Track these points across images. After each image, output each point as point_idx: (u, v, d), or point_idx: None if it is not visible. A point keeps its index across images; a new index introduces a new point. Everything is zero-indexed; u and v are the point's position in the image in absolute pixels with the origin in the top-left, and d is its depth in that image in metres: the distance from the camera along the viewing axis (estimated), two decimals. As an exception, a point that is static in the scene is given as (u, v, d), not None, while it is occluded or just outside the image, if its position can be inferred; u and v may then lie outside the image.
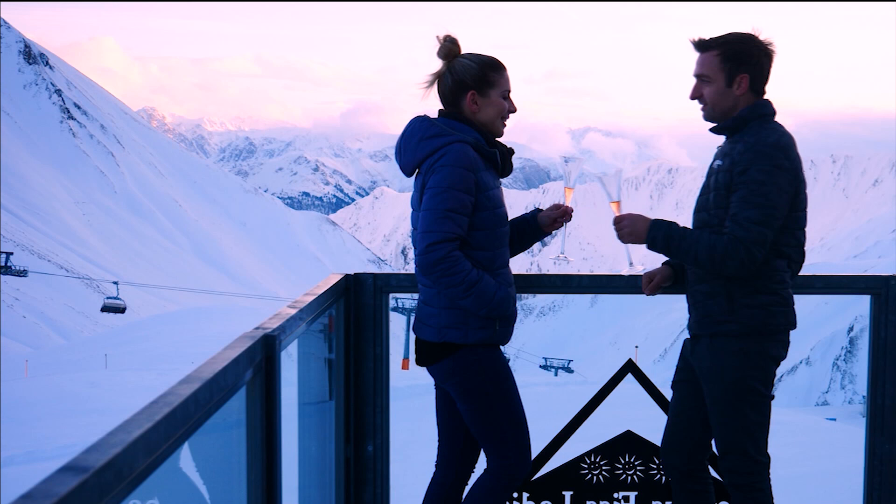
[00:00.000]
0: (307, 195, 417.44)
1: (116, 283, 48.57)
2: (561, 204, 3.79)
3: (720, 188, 3.50)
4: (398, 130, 3.67)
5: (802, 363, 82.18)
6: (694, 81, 3.63)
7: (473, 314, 3.52)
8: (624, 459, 4.13)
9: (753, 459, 3.54)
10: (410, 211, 3.68)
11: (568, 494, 4.11)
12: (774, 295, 3.50)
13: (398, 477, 4.35)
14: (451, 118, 3.59)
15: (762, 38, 3.55)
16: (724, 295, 3.51)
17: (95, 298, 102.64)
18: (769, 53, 3.57)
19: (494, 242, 3.57)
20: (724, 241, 3.40)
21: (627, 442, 4.14)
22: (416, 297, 3.85)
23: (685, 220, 3.87)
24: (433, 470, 3.84)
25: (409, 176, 3.65)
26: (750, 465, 3.54)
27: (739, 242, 3.38)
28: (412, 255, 3.52)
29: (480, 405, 3.58)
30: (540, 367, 59.94)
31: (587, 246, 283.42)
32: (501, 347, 3.69)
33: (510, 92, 3.63)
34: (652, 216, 3.61)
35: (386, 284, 4.05)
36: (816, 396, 76.79)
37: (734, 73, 3.52)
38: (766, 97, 3.59)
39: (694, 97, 3.63)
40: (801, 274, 4.02)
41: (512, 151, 3.69)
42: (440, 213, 3.43)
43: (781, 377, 79.91)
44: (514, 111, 3.65)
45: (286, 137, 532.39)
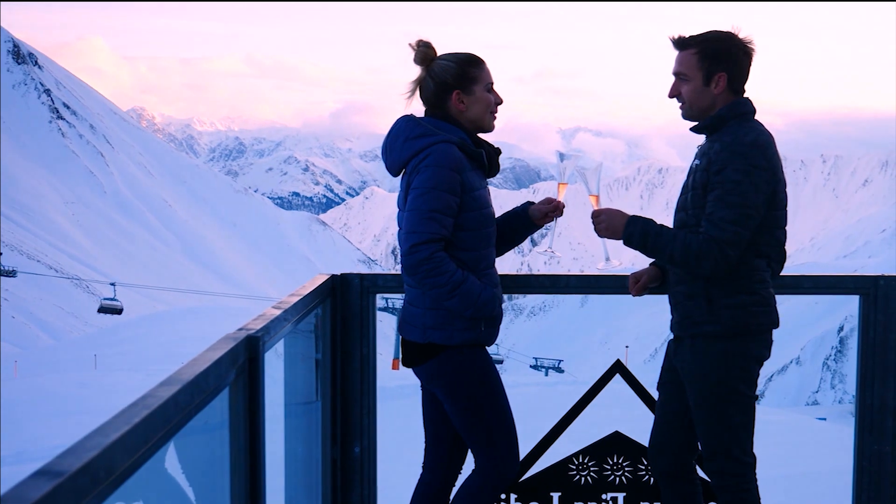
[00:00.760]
0: (297, 195, 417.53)
1: (114, 284, 48.41)
2: (553, 198, 3.77)
3: (697, 188, 3.47)
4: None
5: (792, 363, 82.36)
6: (673, 79, 3.61)
7: (458, 315, 3.49)
8: (612, 460, 4.11)
9: (739, 461, 3.51)
10: (397, 211, 3.66)
11: (556, 496, 4.09)
12: (754, 295, 3.47)
13: (386, 477, 4.32)
14: (437, 118, 3.57)
15: (742, 36, 3.52)
16: (703, 296, 3.48)
17: (85, 299, 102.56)
18: (748, 52, 3.54)
19: (480, 243, 3.55)
20: (699, 240, 3.37)
21: (616, 443, 4.12)
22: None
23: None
24: (420, 470, 3.82)
25: (395, 176, 3.63)
26: (736, 466, 3.51)
27: (714, 242, 3.35)
28: (400, 256, 3.50)
29: (468, 406, 3.56)
30: (530, 367, 59.96)
31: (577, 246, 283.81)
32: (491, 348, 3.67)
33: (493, 84, 3.62)
34: (642, 215, 3.59)
35: (373, 285, 4.02)
36: (806, 396, 76.94)
37: (712, 71, 3.49)
38: (745, 96, 3.57)
39: (672, 95, 3.61)
40: (790, 274, 4.01)
41: (499, 151, 3.67)
42: (424, 213, 3.40)
43: (772, 377, 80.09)
44: (500, 102, 3.63)
45: (276, 137, 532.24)
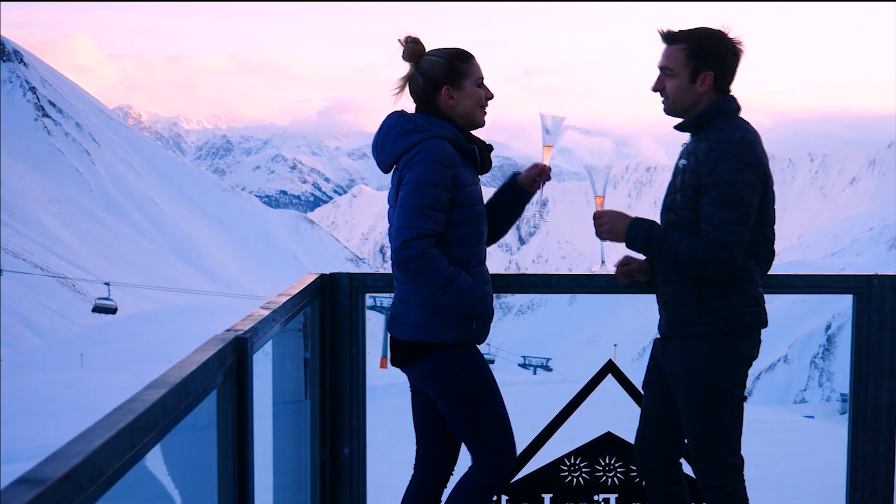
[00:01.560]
0: (285, 193, 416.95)
1: (108, 284, 48.09)
2: (539, 163, 3.74)
3: (687, 188, 3.43)
4: (376, 128, 3.61)
5: (780, 361, 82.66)
6: (658, 72, 3.57)
7: (450, 312, 3.45)
8: (604, 461, 4.07)
9: (727, 462, 3.48)
10: (388, 208, 3.62)
11: (548, 497, 4.05)
12: (745, 295, 3.44)
13: (377, 477, 4.29)
14: (427, 114, 3.54)
15: (731, 35, 3.48)
16: (693, 297, 3.44)
17: (72, 297, 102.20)
18: (737, 52, 3.49)
19: (472, 240, 3.51)
20: (703, 243, 3.33)
21: (607, 443, 4.09)
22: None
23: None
24: (412, 470, 3.78)
25: (386, 172, 3.59)
26: (724, 467, 3.48)
27: (719, 245, 3.31)
28: (391, 252, 3.45)
29: (462, 404, 3.52)
30: (518, 365, 60.09)
31: (565, 244, 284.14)
32: (482, 347, 3.63)
33: (483, 79, 3.58)
34: (631, 214, 3.55)
35: (362, 284, 3.98)
36: (794, 394, 77.23)
37: (699, 69, 3.45)
38: (731, 93, 3.52)
39: (656, 89, 3.56)
40: (783, 273, 3.98)
41: (490, 148, 3.63)
42: (416, 209, 3.36)
43: (759, 375, 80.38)
44: (491, 97, 3.59)
45: (263, 135, 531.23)
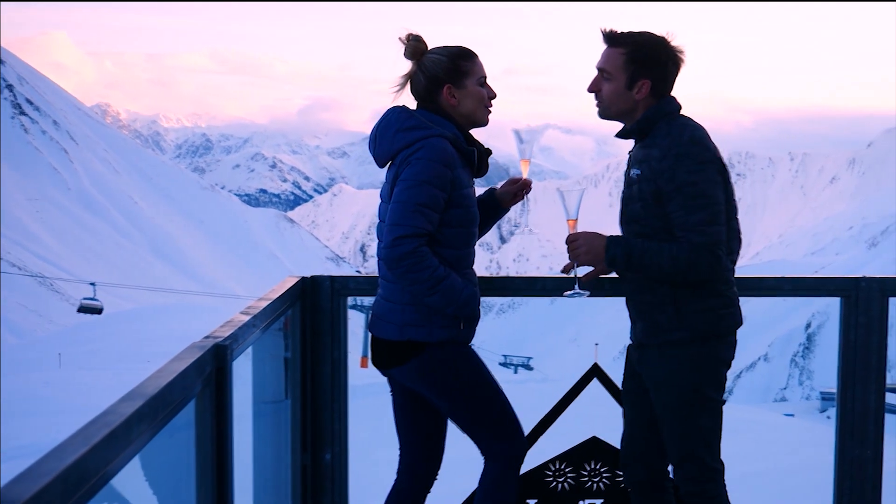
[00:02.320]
0: (264, 192, 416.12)
1: (94, 284, 47.73)
2: (518, 178, 3.69)
3: (647, 198, 3.35)
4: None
5: (760, 359, 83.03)
6: (595, 73, 3.49)
7: (437, 312, 3.39)
8: (590, 466, 4.02)
9: (709, 467, 3.43)
10: (379, 202, 3.57)
11: (533, 502, 4.00)
12: (721, 297, 3.39)
13: (359, 478, 4.22)
14: (429, 112, 3.49)
15: (674, 43, 3.40)
16: (671, 304, 3.38)
17: (49, 297, 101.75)
18: (677, 61, 3.42)
19: (464, 241, 3.46)
20: (685, 249, 3.26)
21: (593, 448, 4.04)
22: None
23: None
24: (394, 470, 3.71)
25: (381, 167, 3.53)
26: (705, 472, 3.42)
27: (701, 248, 3.25)
28: (371, 252, 3.41)
29: (462, 395, 3.46)
30: (499, 364, 60.04)
31: (546, 243, 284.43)
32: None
33: (486, 78, 3.53)
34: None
35: (344, 287, 3.92)
36: (775, 393, 77.56)
37: (637, 76, 3.38)
38: (670, 94, 3.46)
39: (591, 90, 3.48)
40: (770, 276, 3.95)
41: (489, 151, 3.57)
42: (412, 206, 3.30)
43: (740, 373, 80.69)
44: (494, 97, 3.54)
45: (243, 134, 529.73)
